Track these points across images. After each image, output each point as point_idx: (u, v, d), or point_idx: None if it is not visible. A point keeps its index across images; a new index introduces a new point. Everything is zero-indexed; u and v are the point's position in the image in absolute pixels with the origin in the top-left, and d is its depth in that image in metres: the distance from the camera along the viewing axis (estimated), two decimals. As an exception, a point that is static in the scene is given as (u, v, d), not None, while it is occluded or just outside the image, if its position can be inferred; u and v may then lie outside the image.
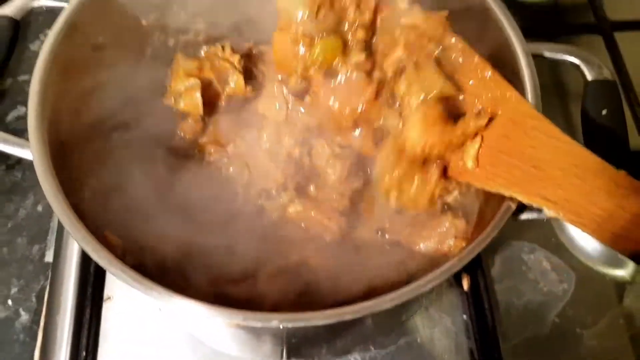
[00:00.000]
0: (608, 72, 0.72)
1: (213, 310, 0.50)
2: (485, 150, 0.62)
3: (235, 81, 0.82)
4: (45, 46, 0.65)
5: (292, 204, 0.75)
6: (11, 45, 0.71)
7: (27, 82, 1.02)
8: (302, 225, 0.74)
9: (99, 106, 0.74)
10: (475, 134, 0.63)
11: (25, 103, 1.00)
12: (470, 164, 0.62)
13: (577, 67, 0.73)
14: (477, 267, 0.82)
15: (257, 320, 0.49)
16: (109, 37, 0.73)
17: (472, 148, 0.62)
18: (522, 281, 0.84)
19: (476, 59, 0.63)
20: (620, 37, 1.04)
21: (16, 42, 0.72)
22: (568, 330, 0.80)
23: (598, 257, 0.86)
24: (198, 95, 0.79)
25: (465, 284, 0.82)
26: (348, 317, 0.49)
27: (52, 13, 0.78)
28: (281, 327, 0.48)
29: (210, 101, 0.82)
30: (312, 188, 0.77)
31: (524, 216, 0.60)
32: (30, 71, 1.03)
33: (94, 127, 0.73)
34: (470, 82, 0.63)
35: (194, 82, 0.80)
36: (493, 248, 0.86)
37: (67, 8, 0.68)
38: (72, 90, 0.68)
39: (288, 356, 0.71)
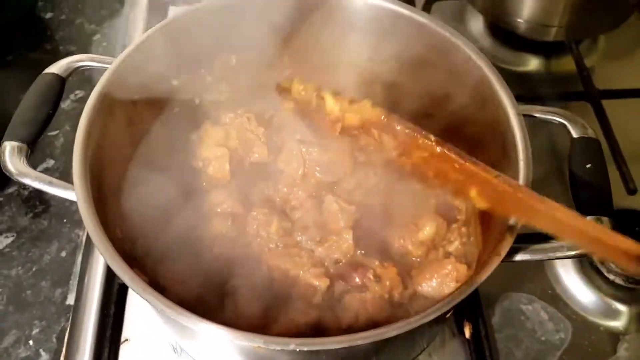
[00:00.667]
0: (591, 131, 0.76)
1: (236, 334, 0.53)
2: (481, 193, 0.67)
3: (259, 152, 0.87)
4: (90, 101, 0.70)
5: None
6: (57, 100, 0.76)
7: (56, 137, 1.12)
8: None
9: (130, 157, 0.79)
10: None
11: (53, 156, 1.09)
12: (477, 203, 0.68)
13: (563, 126, 0.78)
14: (478, 316, 0.85)
15: (276, 343, 0.52)
16: (143, 94, 0.78)
17: (473, 193, 0.67)
18: (521, 330, 0.86)
19: (421, 140, 0.70)
20: (608, 104, 1.09)
21: (61, 97, 0.77)
22: (565, 378, 0.82)
23: (593, 308, 0.88)
24: (227, 164, 0.84)
25: (467, 332, 0.85)
26: (358, 342, 0.52)
27: (81, 74, 0.85)
28: (297, 350, 0.52)
29: (234, 164, 0.86)
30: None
31: (518, 257, 0.64)
32: (58, 127, 1.13)
33: (125, 175, 0.77)
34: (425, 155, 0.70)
35: (223, 152, 0.85)
36: (493, 299, 0.89)
37: (110, 68, 0.73)
38: (109, 141, 0.73)
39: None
